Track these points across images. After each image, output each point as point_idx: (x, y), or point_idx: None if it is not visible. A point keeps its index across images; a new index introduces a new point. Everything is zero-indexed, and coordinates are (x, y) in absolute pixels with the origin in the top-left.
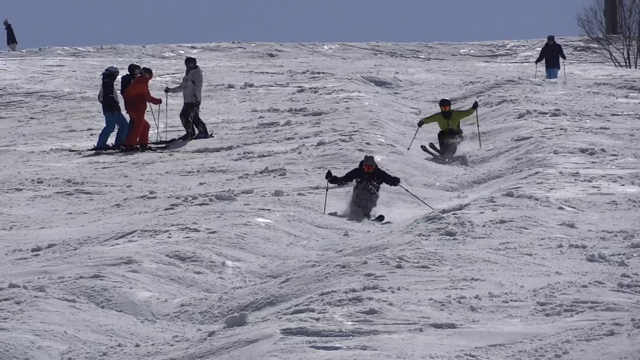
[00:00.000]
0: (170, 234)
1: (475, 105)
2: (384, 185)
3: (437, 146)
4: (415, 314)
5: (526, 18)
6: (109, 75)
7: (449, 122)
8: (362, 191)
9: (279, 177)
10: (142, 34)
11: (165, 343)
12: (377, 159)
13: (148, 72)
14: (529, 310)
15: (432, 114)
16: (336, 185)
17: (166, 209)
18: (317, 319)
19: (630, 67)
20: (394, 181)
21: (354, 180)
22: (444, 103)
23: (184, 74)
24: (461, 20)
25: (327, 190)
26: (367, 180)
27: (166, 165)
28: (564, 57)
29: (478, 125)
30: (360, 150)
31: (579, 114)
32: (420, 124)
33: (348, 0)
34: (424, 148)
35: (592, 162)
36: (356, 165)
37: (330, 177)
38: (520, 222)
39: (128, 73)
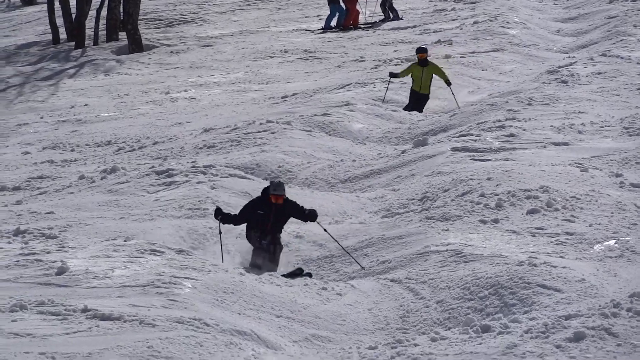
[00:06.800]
0: (374, 84)
1: (449, 84)
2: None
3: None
4: (541, 136)
5: None
6: None
7: (423, 70)
8: (266, 246)
9: (447, 45)
10: None
11: (372, 158)
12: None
13: None
14: (617, 132)
15: (405, 68)
16: (230, 224)
17: (372, 68)
18: (475, 140)
19: None
20: (308, 216)
21: (256, 215)
22: (420, 50)
23: None
24: None
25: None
26: (273, 218)
27: (371, 39)
28: None
29: (456, 101)
30: (502, 27)
31: None
32: (391, 75)
33: None
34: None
35: None
36: None
37: (219, 214)
38: (611, 73)
39: None
